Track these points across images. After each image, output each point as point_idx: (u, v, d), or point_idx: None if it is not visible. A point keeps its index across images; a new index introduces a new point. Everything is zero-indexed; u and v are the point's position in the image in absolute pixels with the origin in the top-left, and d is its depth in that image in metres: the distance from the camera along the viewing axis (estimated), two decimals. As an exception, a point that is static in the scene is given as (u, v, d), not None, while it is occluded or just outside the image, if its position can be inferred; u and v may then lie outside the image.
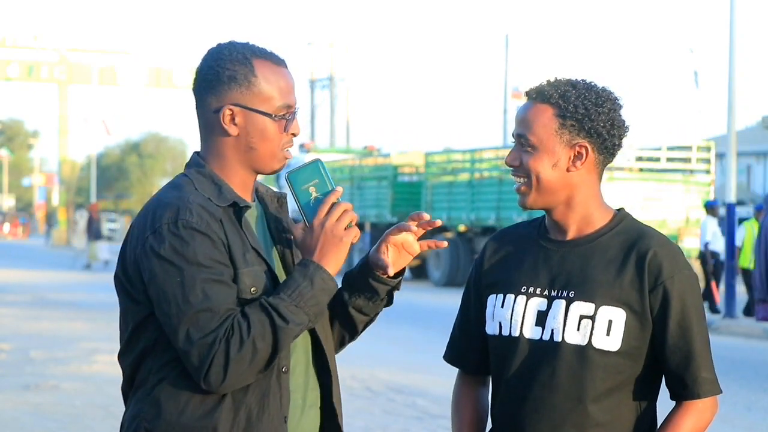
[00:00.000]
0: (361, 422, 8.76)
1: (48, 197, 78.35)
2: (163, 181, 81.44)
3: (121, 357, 2.57)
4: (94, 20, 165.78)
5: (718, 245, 18.66)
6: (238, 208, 2.54)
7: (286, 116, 2.58)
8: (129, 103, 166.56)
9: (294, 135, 2.61)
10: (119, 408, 7.90)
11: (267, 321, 2.43)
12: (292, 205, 2.64)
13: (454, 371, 2.90)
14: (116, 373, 11.69)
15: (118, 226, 67.31)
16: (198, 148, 2.63)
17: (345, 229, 2.53)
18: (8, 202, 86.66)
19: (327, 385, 2.67)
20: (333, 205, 2.55)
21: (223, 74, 2.55)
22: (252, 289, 2.49)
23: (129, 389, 2.57)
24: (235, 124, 2.56)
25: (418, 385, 10.52)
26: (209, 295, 2.42)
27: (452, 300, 14.21)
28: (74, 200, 61.39)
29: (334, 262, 2.52)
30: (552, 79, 2.68)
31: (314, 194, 2.58)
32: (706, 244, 18.59)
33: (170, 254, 2.42)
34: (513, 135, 2.69)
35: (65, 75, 55.13)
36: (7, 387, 10.26)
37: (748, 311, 17.25)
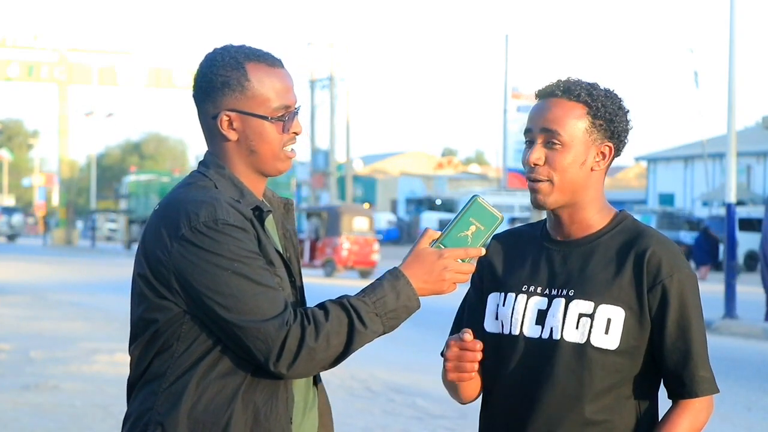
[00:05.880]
0: (361, 422, 8.76)
1: (48, 197, 78.34)
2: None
3: (136, 349, 2.55)
4: (94, 20, 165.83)
5: None
6: (260, 212, 2.54)
7: (283, 117, 2.57)
8: (129, 103, 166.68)
9: (296, 134, 2.61)
10: (119, 408, 7.88)
11: (345, 320, 2.44)
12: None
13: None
14: (116, 373, 11.63)
15: (118, 226, 67.36)
16: (199, 149, 2.63)
17: (453, 282, 2.55)
18: (8, 202, 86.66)
19: (317, 385, 2.68)
20: (467, 258, 2.55)
21: (216, 81, 2.55)
22: (279, 289, 2.49)
23: (138, 381, 2.55)
24: (233, 129, 2.56)
25: (418, 385, 10.51)
26: (265, 281, 2.44)
27: (452, 300, 14.20)
28: (74, 200, 61.35)
29: (421, 290, 2.53)
30: (570, 78, 2.66)
31: (470, 233, 2.57)
32: None
33: (217, 248, 2.42)
34: (533, 130, 2.63)
35: (65, 75, 55.10)
36: (7, 387, 10.26)
37: None
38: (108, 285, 24.69)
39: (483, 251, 2.58)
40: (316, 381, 2.67)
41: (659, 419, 2.68)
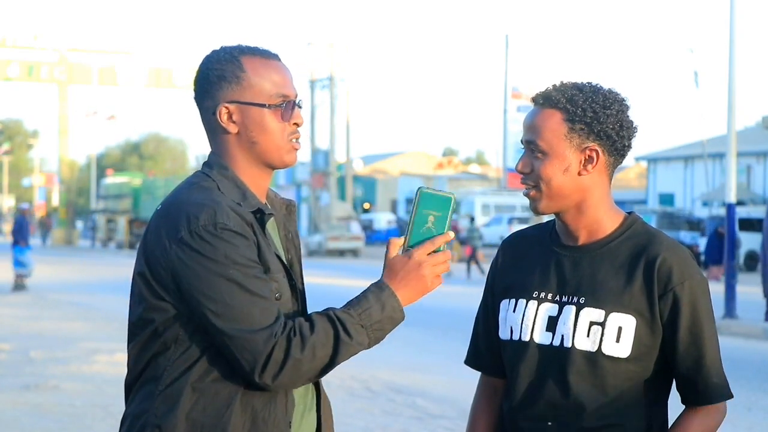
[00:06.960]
0: (361, 422, 8.76)
1: (48, 197, 78.37)
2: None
3: (133, 349, 2.54)
4: (94, 20, 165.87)
5: None
6: (261, 215, 2.53)
7: (282, 105, 2.57)
8: (129, 103, 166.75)
9: (297, 125, 2.60)
10: (119, 408, 7.88)
11: (331, 332, 2.44)
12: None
13: (455, 371, 2.91)
14: (116, 373, 11.60)
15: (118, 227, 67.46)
16: (199, 149, 2.63)
17: (435, 276, 2.52)
18: (8, 202, 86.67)
19: (318, 386, 2.68)
20: (437, 248, 2.52)
21: (212, 75, 2.56)
22: (277, 295, 2.49)
23: (135, 383, 2.55)
24: (233, 122, 2.56)
25: (418, 385, 10.51)
26: (259, 291, 2.42)
27: (452, 300, 14.20)
28: (74, 200, 61.40)
29: (408, 297, 2.52)
30: (558, 84, 2.67)
31: (430, 224, 2.55)
32: None
33: (214, 254, 2.41)
34: (522, 141, 2.68)
35: (65, 75, 55.10)
36: (7, 387, 10.25)
37: None
38: (108, 285, 24.68)
39: (451, 235, 2.56)
40: (316, 382, 2.67)
41: (669, 421, 2.68)
